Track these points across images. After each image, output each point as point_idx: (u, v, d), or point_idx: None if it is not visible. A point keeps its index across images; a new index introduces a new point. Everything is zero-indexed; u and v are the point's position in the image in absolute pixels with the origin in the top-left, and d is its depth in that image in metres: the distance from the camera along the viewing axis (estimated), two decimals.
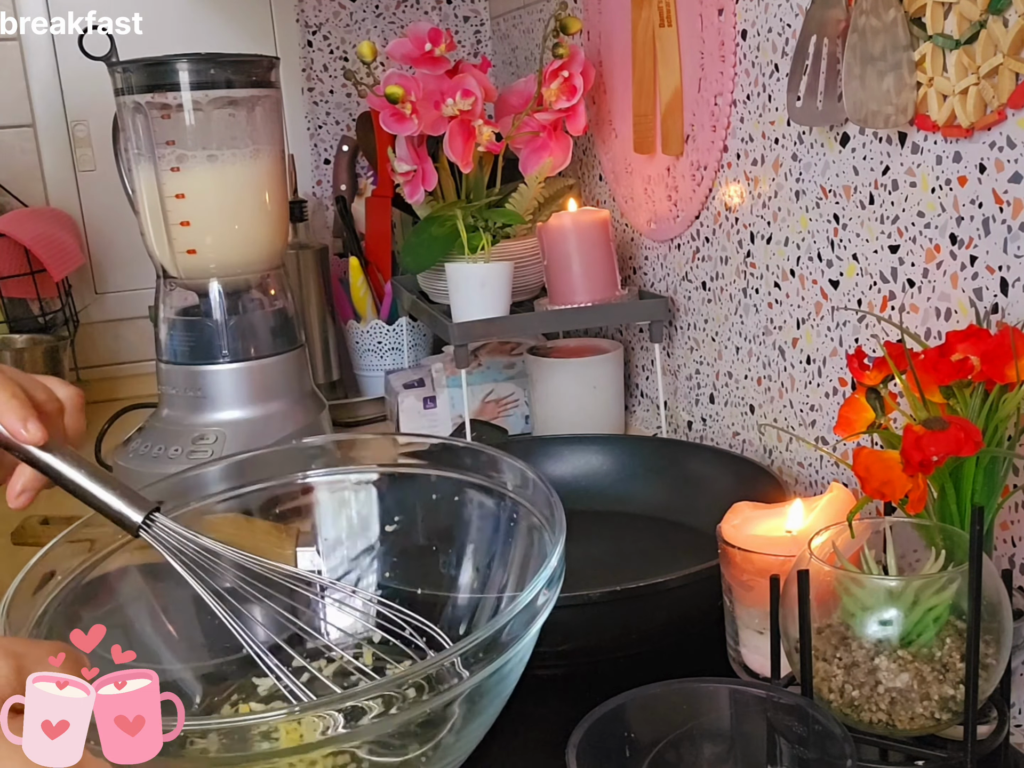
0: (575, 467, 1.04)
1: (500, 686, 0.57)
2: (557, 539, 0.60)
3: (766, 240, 0.95)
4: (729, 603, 0.69)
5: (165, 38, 1.57)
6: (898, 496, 0.56)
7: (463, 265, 1.15)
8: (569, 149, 1.21)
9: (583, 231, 1.11)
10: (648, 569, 0.76)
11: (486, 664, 0.52)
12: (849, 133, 0.80)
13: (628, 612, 0.74)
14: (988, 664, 0.56)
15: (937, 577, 0.56)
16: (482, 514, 0.73)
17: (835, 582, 0.57)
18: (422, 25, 1.20)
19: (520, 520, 0.70)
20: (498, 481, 0.72)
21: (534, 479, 0.69)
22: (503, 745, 0.70)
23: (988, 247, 0.67)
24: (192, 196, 1.10)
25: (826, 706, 0.57)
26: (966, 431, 0.53)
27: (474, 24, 1.74)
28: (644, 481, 1.01)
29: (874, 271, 0.79)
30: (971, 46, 0.64)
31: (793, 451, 0.95)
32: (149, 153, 1.09)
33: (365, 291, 1.47)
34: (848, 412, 0.63)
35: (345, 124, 1.71)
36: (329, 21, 1.69)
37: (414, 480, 0.76)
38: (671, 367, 1.19)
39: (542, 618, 0.57)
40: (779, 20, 0.87)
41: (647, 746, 0.54)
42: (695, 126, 1.04)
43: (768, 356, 0.97)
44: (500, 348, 1.32)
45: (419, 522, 0.78)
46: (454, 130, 1.16)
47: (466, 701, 0.54)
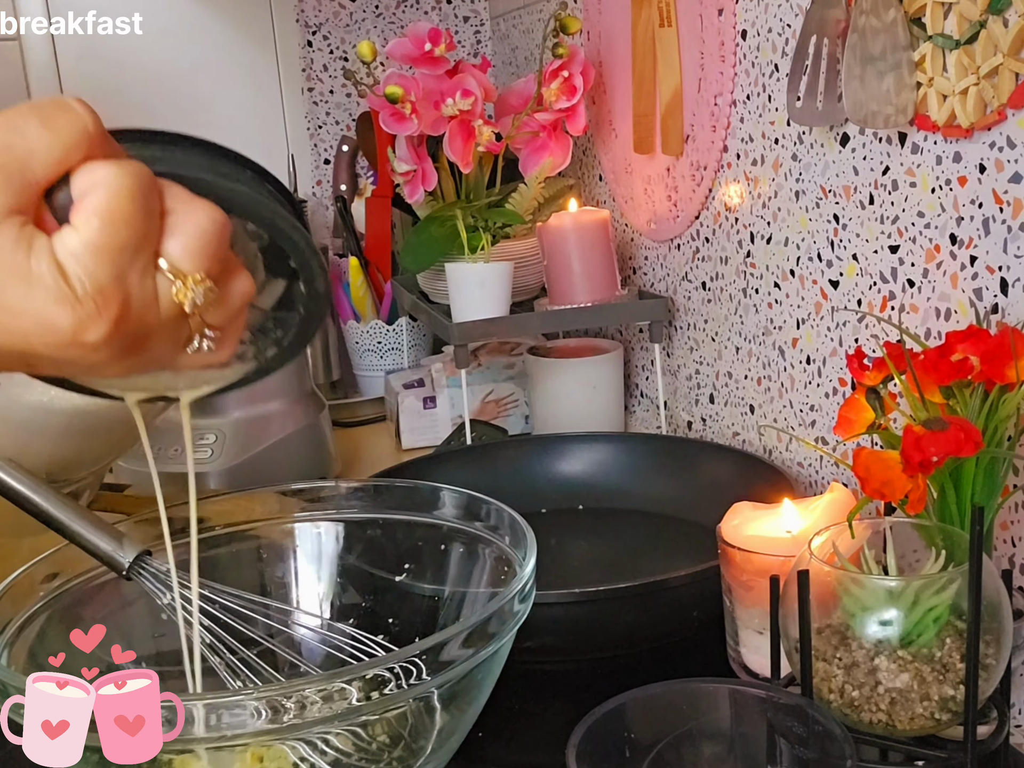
0: (576, 466, 1.04)
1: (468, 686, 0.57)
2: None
3: (766, 240, 0.95)
4: (729, 603, 0.69)
5: (165, 38, 1.57)
6: (898, 496, 0.56)
7: (463, 265, 1.15)
8: (569, 149, 1.21)
9: (583, 231, 1.11)
10: (651, 566, 0.76)
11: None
12: (849, 133, 0.80)
13: (629, 610, 0.74)
14: (988, 664, 0.56)
15: (937, 577, 0.56)
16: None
17: (835, 582, 0.57)
18: (422, 25, 1.20)
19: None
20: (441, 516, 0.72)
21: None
22: (503, 745, 0.70)
23: (988, 247, 0.67)
24: None
25: (826, 706, 0.57)
26: (966, 431, 0.53)
27: (474, 24, 1.74)
28: (646, 478, 1.01)
29: (874, 271, 0.79)
30: (971, 46, 0.64)
31: (793, 451, 0.95)
32: None
33: (365, 291, 1.47)
34: (848, 412, 0.63)
35: (345, 124, 1.71)
36: (329, 21, 1.68)
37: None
38: (671, 367, 1.19)
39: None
40: (779, 20, 0.87)
41: (647, 746, 0.54)
42: (695, 126, 1.04)
43: (768, 356, 0.97)
44: (500, 348, 1.31)
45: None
46: (454, 130, 1.16)
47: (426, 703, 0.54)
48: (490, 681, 0.60)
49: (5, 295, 0.37)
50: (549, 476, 1.04)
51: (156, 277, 0.40)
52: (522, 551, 0.63)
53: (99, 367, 0.40)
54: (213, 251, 0.41)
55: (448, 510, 0.72)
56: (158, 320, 0.40)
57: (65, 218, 0.38)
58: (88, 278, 0.38)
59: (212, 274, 0.41)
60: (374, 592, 0.73)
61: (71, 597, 0.64)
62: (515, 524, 0.66)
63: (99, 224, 0.38)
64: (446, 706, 0.58)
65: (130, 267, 0.39)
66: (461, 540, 0.71)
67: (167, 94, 1.60)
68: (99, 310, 0.38)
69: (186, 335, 0.42)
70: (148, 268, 0.40)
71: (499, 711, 0.63)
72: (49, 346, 0.38)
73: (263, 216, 0.45)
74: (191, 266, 0.40)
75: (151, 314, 0.40)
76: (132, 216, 0.38)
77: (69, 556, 0.64)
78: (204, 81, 1.63)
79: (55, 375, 0.44)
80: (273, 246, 0.47)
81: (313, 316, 0.50)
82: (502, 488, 0.88)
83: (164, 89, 1.59)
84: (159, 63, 1.59)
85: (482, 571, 0.69)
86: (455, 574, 0.71)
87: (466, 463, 1.03)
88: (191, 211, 0.41)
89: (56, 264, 0.37)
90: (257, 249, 0.48)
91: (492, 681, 0.60)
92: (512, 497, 0.73)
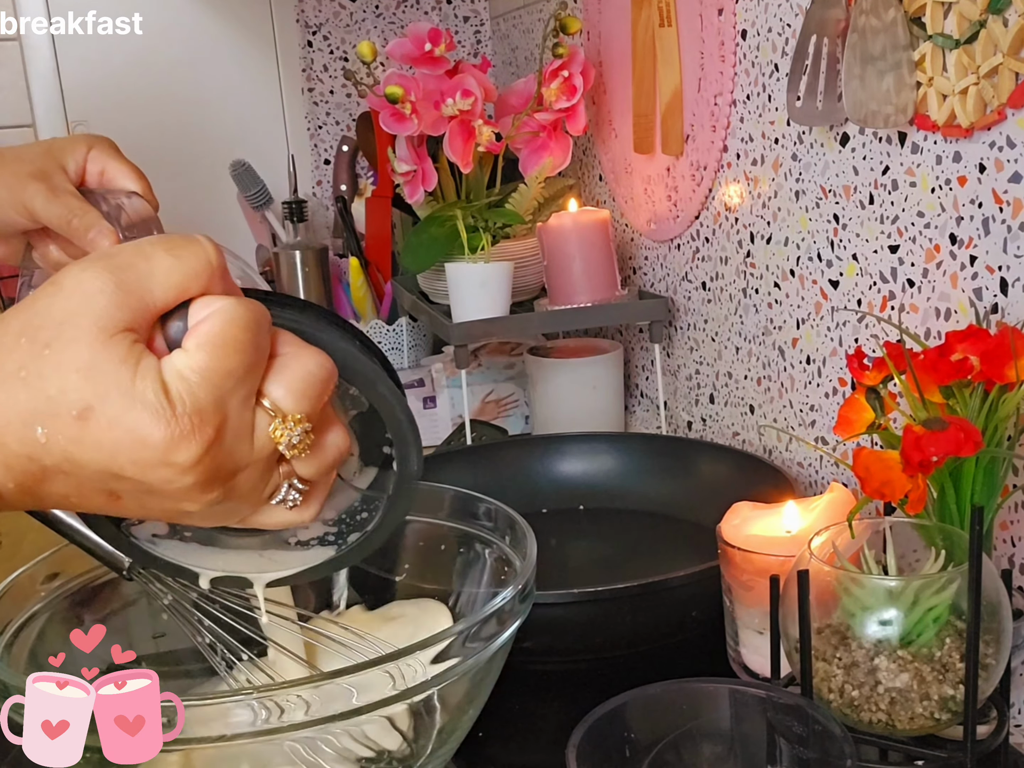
0: (576, 466, 1.04)
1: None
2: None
3: (766, 240, 0.95)
4: (729, 603, 0.69)
5: (165, 38, 1.57)
6: (898, 496, 0.56)
7: (463, 265, 1.15)
8: (569, 149, 1.21)
9: (583, 231, 1.11)
10: (651, 566, 0.76)
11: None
12: (849, 133, 0.80)
13: (629, 610, 0.74)
14: (988, 664, 0.56)
15: (937, 577, 0.56)
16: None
17: (835, 582, 0.57)
18: (422, 25, 1.20)
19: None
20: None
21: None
22: (503, 745, 0.70)
23: (988, 247, 0.67)
24: None
25: (826, 706, 0.57)
26: (966, 431, 0.53)
27: (474, 24, 1.74)
28: (646, 478, 1.01)
29: (874, 271, 0.79)
30: (971, 46, 0.64)
31: (793, 451, 0.95)
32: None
33: (365, 291, 1.47)
34: (848, 412, 0.63)
35: (345, 124, 1.71)
36: (329, 21, 1.69)
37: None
38: (671, 367, 1.19)
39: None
40: (779, 20, 0.87)
41: (647, 746, 0.54)
42: (695, 126, 1.04)
43: (768, 356, 0.97)
44: (500, 348, 1.31)
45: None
46: (454, 130, 1.16)
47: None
48: (490, 681, 0.60)
49: (103, 408, 0.36)
50: (549, 476, 1.04)
51: (256, 412, 0.40)
52: (522, 551, 0.63)
53: (183, 499, 0.39)
54: (316, 395, 0.41)
55: (448, 510, 0.72)
56: (250, 455, 0.40)
57: (177, 345, 0.39)
58: (189, 397, 0.37)
59: (311, 420, 0.41)
60: (374, 592, 0.74)
61: (71, 597, 0.64)
62: (515, 524, 0.66)
63: (210, 349, 0.38)
64: (446, 706, 0.58)
65: (232, 394, 0.38)
66: (461, 540, 0.71)
67: (167, 94, 1.60)
68: (194, 429, 0.37)
69: (274, 484, 0.42)
70: (249, 400, 0.39)
71: (499, 711, 0.63)
72: (137, 464, 0.37)
73: (368, 378, 0.45)
74: (292, 406, 0.40)
75: (244, 446, 0.39)
76: (243, 345, 0.38)
77: (69, 556, 0.64)
78: (204, 81, 1.63)
79: (137, 513, 0.42)
80: (372, 416, 0.47)
81: (402, 498, 0.49)
82: (502, 488, 0.88)
83: (164, 89, 1.59)
84: (159, 63, 1.59)
85: (482, 571, 0.69)
86: (455, 574, 0.71)
87: (466, 463, 1.03)
88: (300, 355, 0.41)
89: (160, 382, 0.37)
90: (353, 419, 0.48)
91: (492, 681, 0.60)
92: (512, 497, 0.73)
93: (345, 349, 0.44)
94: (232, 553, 0.50)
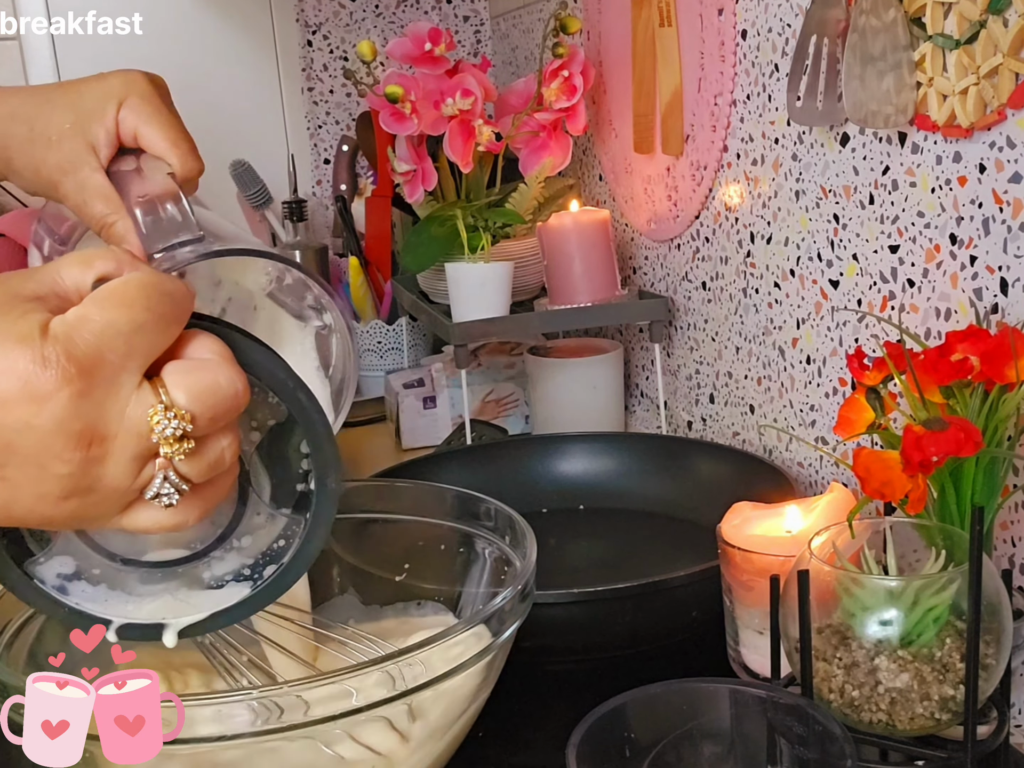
0: (576, 466, 1.04)
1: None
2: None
3: (766, 240, 0.95)
4: (729, 603, 0.69)
5: (165, 38, 1.57)
6: (898, 496, 0.56)
7: (463, 265, 1.15)
8: (569, 149, 1.21)
9: (583, 231, 1.11)
10: (651, 566, 0.76)
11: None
12: (849, 133, 0.80)
13: (629, 610, 0.74)
14: (988, 664, 0.56)
15: (937, 577, 0.56)
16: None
17: (835, 582, 0.57)
18: (422, 25, 1.20)
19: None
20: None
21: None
22: (503, 745, 0.70)
23: (988, 247, 0.67)
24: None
25: (826, 706, 0.57)
26: (966, 431, 0.53)
27: (474, 24, 1.74)
28: (646, 478, 1.02)
29: (874, 271, 0.79)
30: (971, 46, 0.64)
31: (793, 451, 0.95)
32: None
33: (365, 291, 1.47)
34: (848, 412, 0.63)
35: (345, 124, 1.71)
36: (329, 21, 1.68)
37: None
38: (671, 367, 1.19)
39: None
40: (779, 20, 0.87)
41: (647, 746, 0.54)
42: (695, 126, 1.04)
43: (768, 356, 0.97)
44: (500, 348, 1.31)
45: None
46: (454, 130, 1.16)
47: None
48: (490, 681, 0.60)
49: None
50: (549, 476, 1.04)
51: (142, 385, 0.39)
52: (522, 551, 0.63)
53: (49, 454, 0.38)
54: (213, 405, 0.40)
55: (448, 510, 0.72)
56: (119, 423, 0.39)
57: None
58: (63, 336, 0.38)
59: (197, 427, 0.40)
60: (374, 592, 0.74)
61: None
62: (515, 524, 0.66)
63: (98, 300, 0.39)
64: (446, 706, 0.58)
65: (111, 348, 0.38)
66: (461, 540, 0.71)
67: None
68: (59, 361, 0.37)
69: (148, 475, 0.40)
70: (131, 363, 0.39)
71: (499, 711, 0.63)
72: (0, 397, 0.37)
73: (287, 385, 0.45)
74: (182, 400, 0.39)
75: (115, 408, 0.38)
76: (131, 300, 0.39)
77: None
78: (204, 81, 1.62)
79: (5, 499, 0.39)
80: (290, 436, 0.46)
81: (320, 523, 0.47)
82: (502, 488, 0.88)
83: None
84: (159, 63, 1.58)
85: (482, 571, 0.69)
86: (455, 574, 0.71)
87: (466, 463, 1.03)
88: (218, 365, 0.41)
89: (41, 325, 0.38)
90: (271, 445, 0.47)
91: (492, 681, 0.60)
92: (512, 497, 0.73)
93: (273, 361, 0.44)
94: (143, 599, 0.48)
